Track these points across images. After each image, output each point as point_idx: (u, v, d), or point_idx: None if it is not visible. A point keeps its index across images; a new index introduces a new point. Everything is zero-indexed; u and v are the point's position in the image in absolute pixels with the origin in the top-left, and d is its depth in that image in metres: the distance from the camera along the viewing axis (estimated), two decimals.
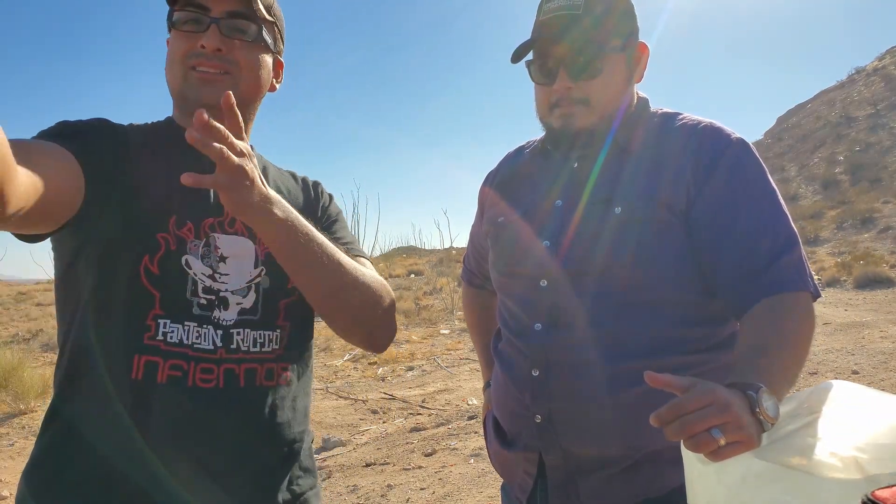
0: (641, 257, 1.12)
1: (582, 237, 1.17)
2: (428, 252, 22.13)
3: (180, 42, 1.05)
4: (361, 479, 3.96)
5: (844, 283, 10.35)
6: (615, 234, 1.14)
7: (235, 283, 1.05)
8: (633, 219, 1.13)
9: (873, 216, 15.37)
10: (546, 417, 1.16)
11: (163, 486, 0.96)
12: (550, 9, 1.18)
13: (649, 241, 1.13)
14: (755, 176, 1.14)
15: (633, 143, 1.21)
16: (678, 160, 1.15)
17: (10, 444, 4.78)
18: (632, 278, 1.13)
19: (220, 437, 1.01)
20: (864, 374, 5.22)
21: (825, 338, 6.59)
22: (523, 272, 1.24)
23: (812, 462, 0.72)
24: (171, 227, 1.02)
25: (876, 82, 29.22)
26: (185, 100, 1.06)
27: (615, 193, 1.17)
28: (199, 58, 1.04)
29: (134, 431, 0.96)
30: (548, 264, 1.19)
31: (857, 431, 0.76)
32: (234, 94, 1.00)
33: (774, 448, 0.78)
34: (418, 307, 10.98)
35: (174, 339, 0.98)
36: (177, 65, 1.05)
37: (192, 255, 1.02)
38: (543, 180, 1.30)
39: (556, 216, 1.22)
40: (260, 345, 1.05)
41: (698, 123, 1.20)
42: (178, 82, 1.06)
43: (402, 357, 7.54)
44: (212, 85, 1.04)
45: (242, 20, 1.06)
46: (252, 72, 1.08)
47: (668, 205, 1.13)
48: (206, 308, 1.01)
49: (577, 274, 1.16)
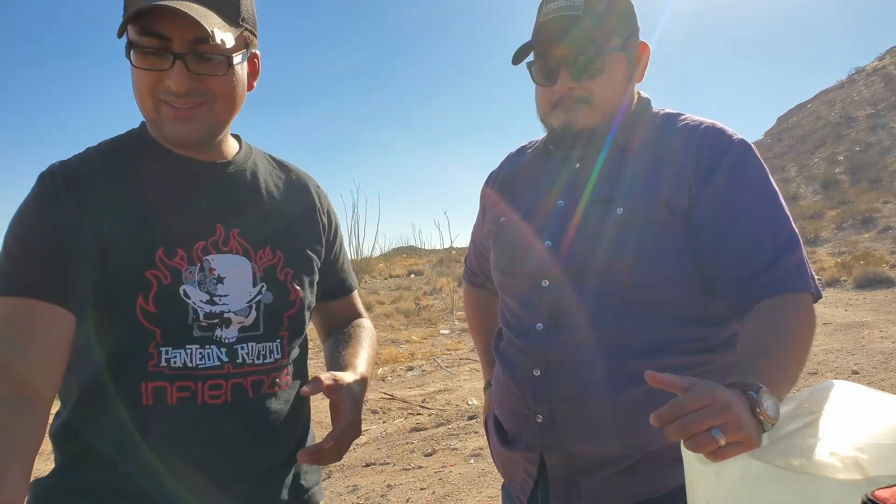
0: (642, 257, 1.12)
1: (583, 237, 1.17)
2: (428, 252, 22.13)
3: (145, 77, 0.96)
4: (361, 479, 3.95)
5: (844, 283, 10.34)
6: (616, 233, 1.14)
7: (236, 303, 1.03)
8: (634, 219, 1.13)
9: (873, 216, 15.35)
10: (547, 417, 1.16)
11: (173, 499, 0.96)
12: (550, 10, 1.18)
13: (650, 241, 1.13)
14: (756, 176, 1.13)
15: (633, 142, 1.21)
16: (679, 160, 1.15)
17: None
18: (633, 278, 1.13)
19: (229, 447, 1.01)
20: (864, 374, 5.21)
21: (825, 338, 6.58)
22: (524, 272, 1.24)
23: (812, 462, 0.72)
24: (160, 260, 0.98)
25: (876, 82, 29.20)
26: (162, 132, 1.01)
27: (616, 193, 1.17)
28: (169, 95, 0.96)
29: (148, 451, 0.96)
30: (549, 264, 1.19)
31: (858, 432, 0.76)
32: (212, 120, 1.01)
33: (775, 449, 0.78)
34: (418, 307, 10.98)
35: (178, 363, 0.98)
36: (146, 97, 0.98)
37: (189, 285, 0.99)
38: (545, 180, 1.30)
39: (558, 216, 1.22)
40: (263, 357, 1.05)
41: (700, 124, 1.19)
42: (150, 114, 1.00)
43: (402, 357, 7.54)
44: (188, 122, 0.99)
45: (209, 48, 0.95)
46: (228, 96, 1.01)
47: (668, 205, 1.13)
48: (207, 329, 1.00)
49: (577, 274, 1.16)
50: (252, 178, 1.13)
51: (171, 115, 0.98)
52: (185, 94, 0.96)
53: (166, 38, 0.94)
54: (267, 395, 1.05)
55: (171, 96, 0.96)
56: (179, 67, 0.94)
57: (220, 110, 1.01)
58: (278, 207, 1.13)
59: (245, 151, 1.16)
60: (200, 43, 0.95)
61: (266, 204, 1.12)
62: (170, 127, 0.99)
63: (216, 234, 1.03)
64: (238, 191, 1.10)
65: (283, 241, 1.11)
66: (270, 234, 1.09)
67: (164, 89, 0.96)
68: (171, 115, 0.98)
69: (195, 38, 0.94)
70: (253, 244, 1.06)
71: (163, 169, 1.05)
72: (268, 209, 1.12)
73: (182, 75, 0.95)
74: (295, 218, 1.16)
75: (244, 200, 1.09)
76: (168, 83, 0.95)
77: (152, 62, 0.95)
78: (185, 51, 0.95)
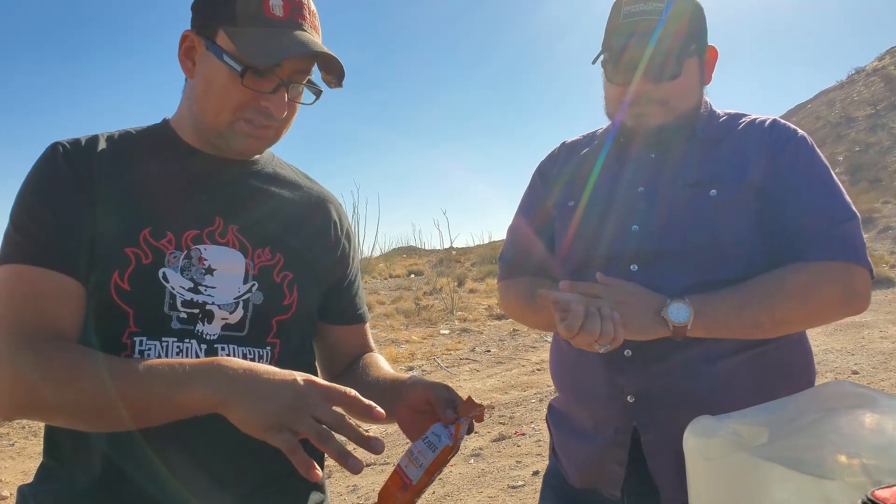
0: (736, 236, 1.20)
1: (677, 219, 1.22)
2: (428, 252, 22.09)
3: (238, 92, 0.97)
4: (361, 479, 3.95)
5: None
6: (712, 215, 1.20)
7: (223, 297, 0.99)
8: (728, 200, 1.20)
9: (873, 216, 15.34)
10: (641, 396, 1.20)
11: (152, 497, 0.94)
12: (631, 12, 1.22)
13: (743, 222, 1.21)
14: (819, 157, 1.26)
15: (710, 135, 1.29)
16: (756, 147, 1.25)
17: (11, 444, 4.78)
18: (724, 257, 1.20)
19: (203, 458, 0.96)
20: (864, 375, 5.22)
21: (825, 338, 6.58)
22: (610, 256, 1.26)
23: (815, 463, 0.72)
24: (143, 240, 0.96)
25: (876, 82, 29.21)
26: (222, 140, 1.03)
27: (703, 178, 1.23)
28: (256, 114, 0.99)
29: (119, 451, 0.93)
30: (638, 247, 1.23)
31: (859, 432, 0.76)
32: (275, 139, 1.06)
33: (776, 448, 0.78)
34: (418, 307, 10.96)
35: (152, 356, 0.94)
36: (227, 111, 0.99)
37: (171, 268, 0.96)
38: (618, 169, 1.34)
39: (642, 201, 1.27)
40: (249, 360, 0.98)
41: (766, 119, 1.30)
42: (221, 125, 1.00)
43: (402, 357, 7.54)
44: (259, 140, 1.03)
45: (304, 78, 1.01)
46: (292, 120, 1.06)
47: (752, 186, 1.22)
48: (187, 322, 0.96)
49: (671, 255, 1.21)
50: (267, 179, 1.12)
51: (246, 131, 1.00)
52: (272, 117, 0.99)
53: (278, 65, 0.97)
54: None
55: (260, 116, 0.99)
56: (283, 94, 0.98)
57: (282, 132, 1.06)
58: (288, 212, 1.11)
59: (268, 156, 1.16)
60: (300, 74, 1.00)
61: (275, 206, 1.10)
62: (240, 141, 1.02)
63: (213, 225, 1.02)
64: (247, 188, 1.09)
65: (287, 244, 1.08)
66: (273, 235, 1.07)
67: (255, 108, 0.98)
68: (246, 132, 1.00)
69: (299, 70, 0.99)
70: (252, 242, 1.04)
71: (175, 160, 1.05)
72: (275, 211, 1.10)
73: (283, 102, 0.99)
74: (306, 226, 1.13)
75: (251, 198, 1.08)
76: (266, 105, 0.98)
77: (256, 83, 0.97)
78: (289, 78, 0.99)
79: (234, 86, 0.97)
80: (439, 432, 0.92)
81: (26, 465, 4.41)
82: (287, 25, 0.97)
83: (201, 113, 1.02)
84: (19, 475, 4.26)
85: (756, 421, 0.84)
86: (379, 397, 1.08)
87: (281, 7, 0.96)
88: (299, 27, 0.98)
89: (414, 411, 0.99)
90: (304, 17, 0.99)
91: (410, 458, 0.92)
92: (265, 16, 0.95)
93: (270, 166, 1.15)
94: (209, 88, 0.99)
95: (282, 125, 1.04)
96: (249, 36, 0.95)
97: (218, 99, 0.98)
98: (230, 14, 0.96)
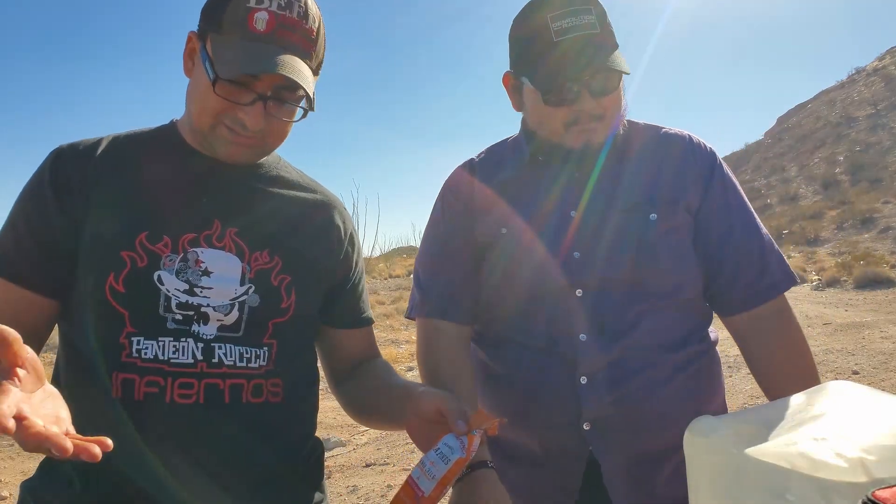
0: (679, 259, 1.21)
1: (620, 245, 1.20)
2: None
3: (213, 99, 0.97)
4: (361, 479, 3.96)
5: (845, 284, 10.34)
6: (655, 239, 1.20)
7: (218, 299, 0.99)
8: (668, 224, 1.21)
9: (873, 216, 15.36)
10: (598, 423, 1.17)
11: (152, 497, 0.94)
12: (564, 28, 1.15)
13: (683, 244, 1.22)
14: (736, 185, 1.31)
15: (630, 149, 1.27)
16: (680, 166, 1.26)
17: (10, 443, 4.78)
18: (671, 280, 1.21)
19: (200, 458, 0.95)
20: (864, 375, 5.21)
21: (825, 338, 6.58)
22: (552, 286, 1.22)
23: (815, 463, 0.72)
24: (140, 243, 0.97)
25: (876, 82, 29.22)
26: (208, 143, 1.03)
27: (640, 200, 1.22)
28: (236, 124, 0.98)
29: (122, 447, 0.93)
30: (582, 275, 1.20)
31: (860, 433, 0.76)
32: (263, 150, 1.07)
33: (778, 448, 0.77)
34: None
35: (149, 355, 0.95)
36: (208, 116, 0.99)
37: (166, 271, 0.97)
38: (543, 190, 1.28)
39: (581, 226, 1.23)
40: (247, 360, 1.00)
41: (681, 133, 1.31)
42: (204, 127, 1.01)
43: (402, 357, 7.54)
44: (242, 148, 1.02)
45: (290, 94, 0.99)
46: (283, 134, 1.05)
47: (688, 208, 1.24)
48: (182, 323, 0.97)
49: (618, 281, 1.19)
50: (269, 182, 1.11)
51: (227, 138, 1.00)
52: (250, 130, 0.99)
53: (256, 78, 0.96)
54: (250, 404, 1.00)
55: (238, 126, 0.99)
56: (259, 108, 0.97)
57: (272, 144, 1.06)
58: (289, 213, 1.11)
59: (274, 158, 1.15)
60: (284, 90, 0.98)
61: (275, 207, 1.10)
62: (222, 147, 1.02)
63: (211, 229, 1.02)
64: (248, 191, 1.08)
65: (286, 246, 1.07)
66: (272, 237, 1.07)
67: (233, 117, 0.98)
68: (227, 139, 1.00)
69: (282, 86, 0.97)
70: (249, 245, 1.04)
71: (178, 162, 1.06)
72: (276, 213, 1.09)
73: (259, 115, 0.97)
74: (307, 227, 1.12)
75: (250, 201, 1.08)
76: (242, 117, 0.97)
77: (231, 92, 0.96)
78: (268, 93, 0.97)
79: (210, 93, 0.97)
80: (452, 444, 0.90)
81: (26, 465, 4.42)
82: (267, 41, 0.95)
83: (188, 114, 1.05)
84: (19, 475, 4.26)
85: (756, 421, 0.84)
86: (388, 405, 1.09)
87: (265, 21, 0.95)
88: (282, 44, 0.96)
89: (425, 421, 0.96)
90: (291, 34, 0.97)
91: (423, 470, 0.90)
92: (247, 28, 0.95)
93: (275, 169, 1.14)
94: (195, 90, 1.01)
95: (267, 137, 1.02)
96: (228, 46, 0.95)
97: (200, 102, 1.00)
98: (218, 22, 0.97)
